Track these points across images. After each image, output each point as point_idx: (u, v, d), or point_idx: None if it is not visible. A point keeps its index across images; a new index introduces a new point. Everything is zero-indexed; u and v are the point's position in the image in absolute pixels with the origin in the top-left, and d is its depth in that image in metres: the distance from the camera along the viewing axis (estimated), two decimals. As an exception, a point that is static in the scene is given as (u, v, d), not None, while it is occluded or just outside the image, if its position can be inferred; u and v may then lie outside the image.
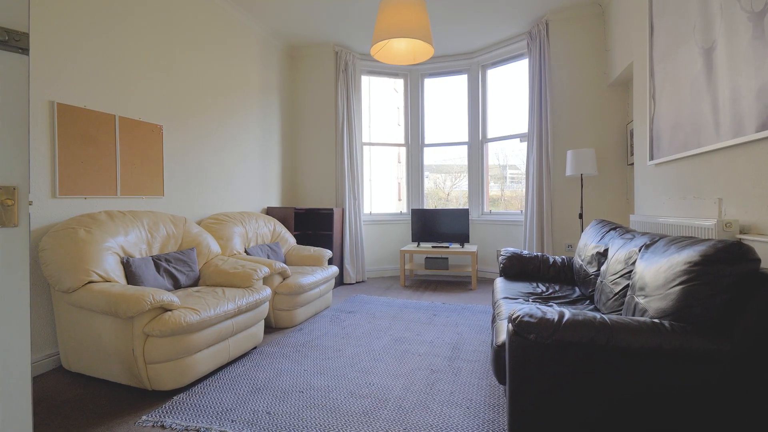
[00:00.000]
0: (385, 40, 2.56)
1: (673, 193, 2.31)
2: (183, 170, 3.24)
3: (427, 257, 4.57)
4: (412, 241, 4.90)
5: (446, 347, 2.57)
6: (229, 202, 3.81)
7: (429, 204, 5.59)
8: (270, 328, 3.01)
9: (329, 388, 2.01)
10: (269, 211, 4.37)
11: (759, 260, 1.17)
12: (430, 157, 5.43)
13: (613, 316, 1.27)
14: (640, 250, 1.70)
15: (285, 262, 3.72)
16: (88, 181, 2.47)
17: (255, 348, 2.58)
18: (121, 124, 2.68)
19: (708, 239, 1.30)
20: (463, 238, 4.68)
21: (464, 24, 4.21)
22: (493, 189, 5.23)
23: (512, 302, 2.13)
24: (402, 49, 2.89)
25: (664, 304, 1.28)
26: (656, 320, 1.24)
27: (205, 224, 3.29)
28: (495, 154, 5.18)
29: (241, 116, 3.98)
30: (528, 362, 1.28)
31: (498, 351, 1.55)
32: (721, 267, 1.17)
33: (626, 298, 1.61)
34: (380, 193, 6.34)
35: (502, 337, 1.60)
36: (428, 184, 5.62)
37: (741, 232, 1.65)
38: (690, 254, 1.26)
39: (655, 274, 1.39)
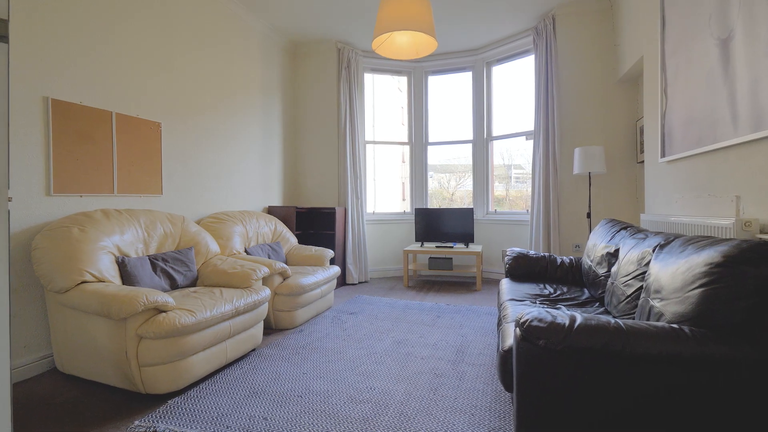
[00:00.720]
0: (387, 33, 2.49)
1: (686, 191, 2.22)
2: (182, 168, 3.19)
3: (430, 257, 4.49)
4: (416, 241, 4.82)
5: (450, 350, 2.50)
6: (230, 201, 3.76)
7: (433, 204, 5.51)
8: (270, 329, 2.95)
9: (329, 392, 1.94)
10: (270, 210, 4.32)
11: (787, 261, 1.09)
12: (434, 156, 5.35)
13: (629, 321, 1.19)
14: (654, 251, 1.62)
15: (286, 262, 3.66)
16: (83, 179, 2.42)
17: (254, 350, 2.51)
18: (118, 121, 2.63)
19: (729, 239, 1.22)
20: (468, 238, 4.60)
21: (469, 20, 4.13)
22: (498, 189, 5.14)
23: (519, 304, 2.06)
24: (404, 43, 2.81)
25: (683, 308, 1.20)
26: (674, 325, 1.16)
27: (204, 223, 3.24)
28: (500, 154, 5.09)
29: (242, 114, 3.93)
30: (537, 369, 1.20)
31: (504, 356, 1.48)
32: (745, 269, 1.09)
33: (640, 301, 1.53)
34: (384, 192, 6.26)
35: (509, 341, 1.52)
36: (432, 184, 5.54)
37: (761, 232, 1.56)
38: (711, 255, 1.18)
39: (672, 276, 1.31)
